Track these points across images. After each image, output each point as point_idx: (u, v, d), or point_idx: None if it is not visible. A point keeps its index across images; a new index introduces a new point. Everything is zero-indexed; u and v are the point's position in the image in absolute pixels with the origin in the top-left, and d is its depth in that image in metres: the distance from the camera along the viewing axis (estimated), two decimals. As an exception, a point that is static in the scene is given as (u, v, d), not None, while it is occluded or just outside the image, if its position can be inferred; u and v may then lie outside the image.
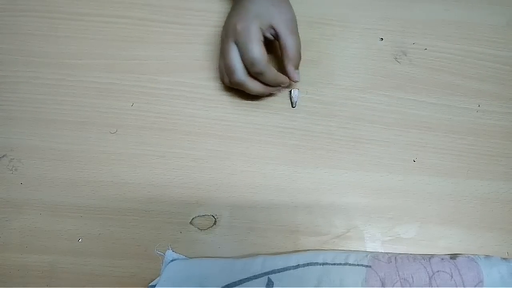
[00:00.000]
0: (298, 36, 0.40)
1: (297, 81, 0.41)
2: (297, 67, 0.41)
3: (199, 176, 0.41)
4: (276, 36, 0.40)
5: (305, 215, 0.41)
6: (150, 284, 0.38)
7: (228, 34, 0.39)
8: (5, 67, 0.45)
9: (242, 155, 0.42)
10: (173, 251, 0.39)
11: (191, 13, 0.47)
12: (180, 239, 0.40)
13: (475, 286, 0.36)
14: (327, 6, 0.47)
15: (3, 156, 0.42)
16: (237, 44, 0.38)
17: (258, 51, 0.37)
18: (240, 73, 0.39)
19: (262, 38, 0.38)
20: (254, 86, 0.40)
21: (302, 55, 0.41)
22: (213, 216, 0.40)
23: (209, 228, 0.40)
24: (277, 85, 0.41)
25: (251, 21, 0.38)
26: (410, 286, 0.36)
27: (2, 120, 0.43)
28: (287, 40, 0.39)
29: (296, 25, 0.41)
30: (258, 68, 0.38)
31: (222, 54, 0.40)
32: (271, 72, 0.39)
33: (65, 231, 0.40)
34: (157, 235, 0.40)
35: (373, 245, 0.40)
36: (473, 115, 0.44)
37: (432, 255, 0.39)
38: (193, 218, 0.40)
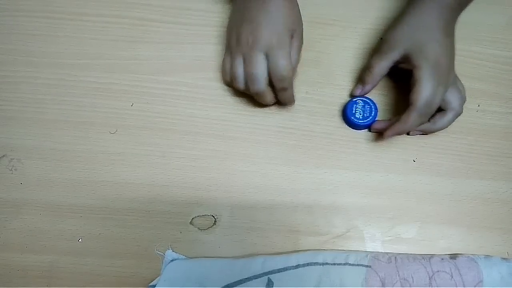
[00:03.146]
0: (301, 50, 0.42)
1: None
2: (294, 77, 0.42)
3: (199, 176, 0.41)
4: None
5: (305, 215, 0.41)
6: (150, 284, 0.38)
7: (258, 45, 0.38)
8: (5, 67, 0.45)
9: (242, 155, 0.42)
10: (173, 251, 0.39)
11: (191, 13, 0.47)
12: (180, 239, 0.40)
13: (475, 286, 0.36)
14: (327, 6, 0.47)
15: (3, 156, 0.42)
16: (267, 56, 0.38)
17: (290, 69, 0.38)
18: (263, 84, 0.39)
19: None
20: (270, 98, 0.40)
21: (302, 55, 0.42)
22: (213, 216, 0.40)
23: (209, 228, 0.40)
24: (287, 103, 0.42)
25: (286, 37, 0.38)
26: (410, 286, 0.36)
27: (2, 120, 0.43)
28: (295, 54, 0.40)
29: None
30: (285, 84, 0.39)
31: (246, 61, 0.39)
32: (292, 90, 0.40)
33: (65, 231, 0.40)
34: (157, 235, 0.40)
35: (373, 245, 0.40)
36: (473, 115, 0.44)
37: (432, 255, 0.39)
38: (193, 218, 0.40)
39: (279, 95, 0.40)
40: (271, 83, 0.40)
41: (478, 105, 0.45)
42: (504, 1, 0.49)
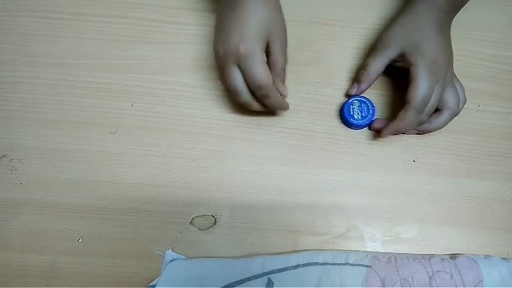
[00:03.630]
0: (286, 51, 0.40)
1: (286, 96, 0.41)
2: (284, 82, 0.41)
3: (199, 176, 0.41)
4: (267, 52, 0.38)
5: (305, 215, 0.41)
6: (150, 284, 0.38)
7: (229, 56, 0.37)
8: (5, 67, 0.45)
9: (242, 155, 0.42)
10: (173, 251, 0.39)
11: (191, 13, 0.47)
12: (180, 239, 0.40)
13: (475, 286, 0.36)
14: (327, 6, 0.47)
15: (3, 156, 0.42)
16: (240, 66, 0.37)
17: (265, 76, 0.36)
18: (245, 95, 0.38)
19: (266, 59, 0.37)
20: (256, 105, 0.39)
21: (302, 55, 0.43)
22: (213, 216, 0.40)
23: (209, 228, 0.40)
24: (278, 109, 0.40)
25: (255, 43, 0.36)
26: (410, 286, 0.36)
27: (2, 120, 0.43)
28: (279, 58, 0.39)
29: (286, 37, 0.40)
30: (265, 92, 0.37)
31: (223, 75, 0.38)
32: (276, 96, 0.38)
33: (65, 231, 0.40)
34: (157, 235, 0.40)
35: (373, 245, 0.40)
36: (473, 115, 0.44)
37: (432, 255, 0.39)
38: (193, 218, 0.40)
39: (264, 103, 0.39)
40: None
41: (478, 105, 0.45)
42: (504, 1, 0.49)
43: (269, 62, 0.38)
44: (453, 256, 0.38)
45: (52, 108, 0.43)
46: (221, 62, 0.38)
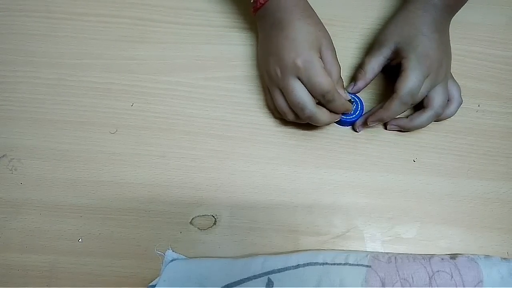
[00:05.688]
0: (337, 58, 0.41)
1: (348, 99, 0.41)
2: (343, 87, 0.41)
3: (199, 176, 0.41)
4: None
5: (305, 215, 0.41)
6: (150, 284, 0.38)
7: (287, 73, 0.38)
8: (5, 67, 0.45)
9: (242, 155, 0.42)
10: (173, 251, 0.39)
11: (191, 13, 0.47)
12: (180, 239, 0.40)
13: (475, 286, 0.36)
14: (327, 6, 0.47)
15: (3, 156, 0.42)
16: (301, 79, 0.38)
17: (328, 82, 0.37)
18: (311, 107, 0.38)
19: (324, 66, 0.38)
20: (323, 116, 0.39)
21: None
22: (213, 216, 0.40)
23: (209, 228, 0.40)
24: (343, 112, 0.41)
25: (310, 53, 0.37)
26: (410, 286, 0.36)
27: (2, 120, 0.43)
28: (333, 66, 0.39)
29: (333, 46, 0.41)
30: (330, 97, 0.38)
31: (284, 92, 0.39)
32: (341, 98, 0.39)
33: (65, 231, 0.40)
34: (157, 235, 0.40)
35: (373, 245, 0.40)
36: (472, 115, 0.44)
37: (432, 255, 0.39)
38: (193, 218, 0.40)
39: (329, 108, 0.39)
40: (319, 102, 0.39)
41: (478, 105, 0.45)
42: (504, 1, 0.49)
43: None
44: (453, 256, 0.38)
45: (52, 108, 0.43)
46: (279, 82, 0.39)
